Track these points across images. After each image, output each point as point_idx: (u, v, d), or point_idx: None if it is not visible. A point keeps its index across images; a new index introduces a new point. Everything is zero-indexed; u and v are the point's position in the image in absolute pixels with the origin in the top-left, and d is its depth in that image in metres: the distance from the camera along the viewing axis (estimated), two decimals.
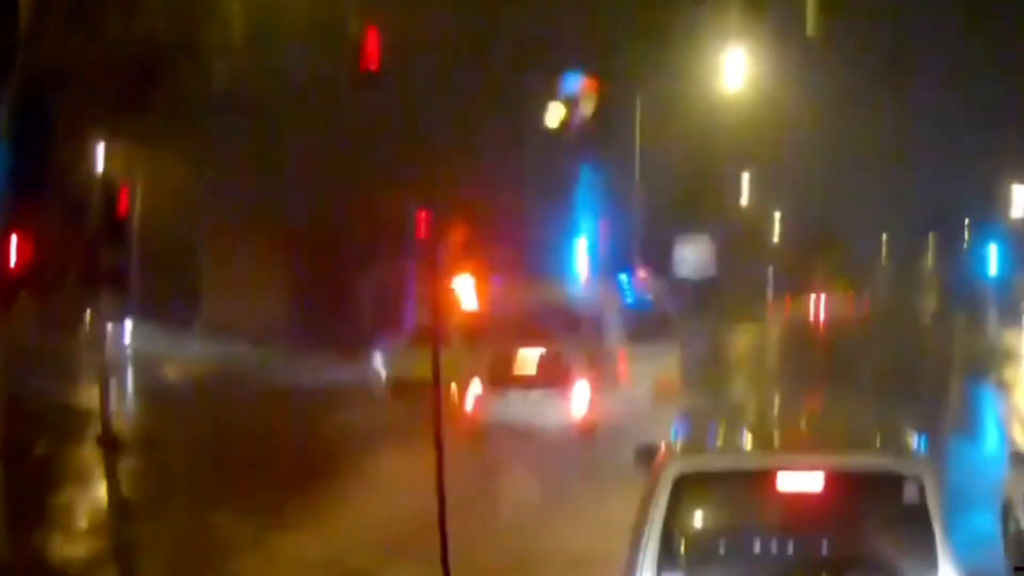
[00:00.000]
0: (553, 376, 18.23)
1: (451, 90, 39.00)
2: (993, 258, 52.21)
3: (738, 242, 65.40)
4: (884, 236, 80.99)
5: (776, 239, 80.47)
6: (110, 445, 17.78)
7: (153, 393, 26.15)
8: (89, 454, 18.00)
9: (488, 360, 18.66)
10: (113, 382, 21.41)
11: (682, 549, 6.48)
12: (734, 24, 39.04)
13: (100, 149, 20.63)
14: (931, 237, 71.61)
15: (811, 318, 70.11)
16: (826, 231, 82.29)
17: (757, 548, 6.49)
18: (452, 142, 38.80)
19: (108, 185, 18.75)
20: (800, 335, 53.75)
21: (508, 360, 18.48)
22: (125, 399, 24.35)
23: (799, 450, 7.07)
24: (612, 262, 40.83)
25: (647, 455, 8.11)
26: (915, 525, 6.31)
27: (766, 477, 6.54)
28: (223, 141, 37.53)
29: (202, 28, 19.51)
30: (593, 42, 42.43)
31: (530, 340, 18.72)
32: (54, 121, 18.18)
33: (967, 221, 59.93)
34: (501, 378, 18.29)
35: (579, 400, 18.08)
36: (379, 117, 34.84)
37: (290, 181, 41.01)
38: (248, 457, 16.66)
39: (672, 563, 6.40)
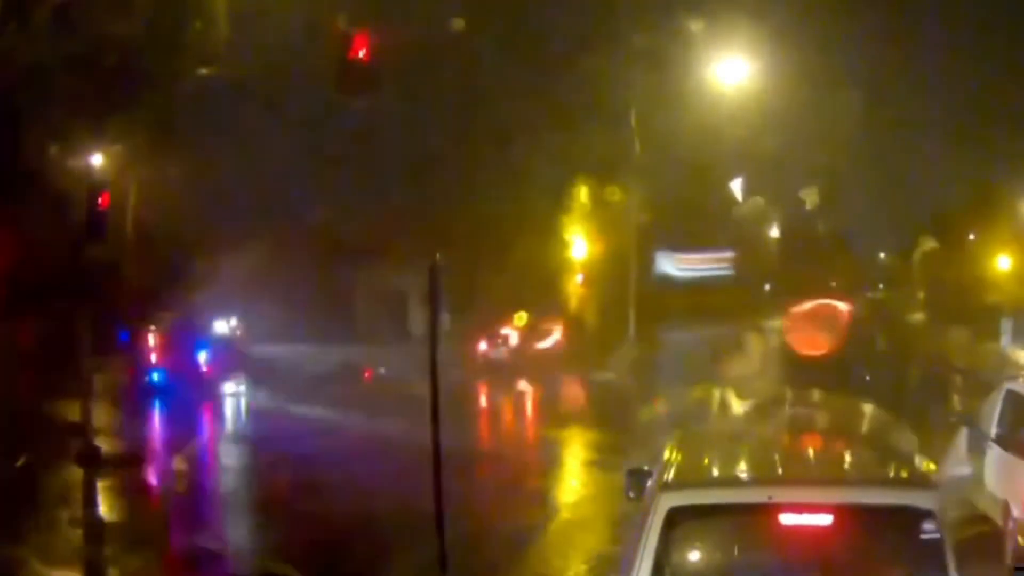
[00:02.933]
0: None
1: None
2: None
3: (735, 249, 65.15)
4: (884, 240, 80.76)
5: (773, 247, 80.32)
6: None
7: None
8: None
9: None
10: None
11: None
12: (732, 29, 38.74)
13: (85, 149, 20.08)
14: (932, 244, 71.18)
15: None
16: (825, 238, 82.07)
17: None
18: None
19: (91, 185, 18.23)
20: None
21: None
22: None
23: (805, 482, 6.38)
24: None
25: (639, 479, 7.61)
26: (932, 563, 5.70)
27: (767, 512, 5.89)
28: (213, 141, 37.30)
29: (190, 24, 19.05)
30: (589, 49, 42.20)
31: None
32: (35, 121, 17.66)
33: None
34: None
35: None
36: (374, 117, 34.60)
37: (285, 182, 40.87)
38: None
39: None
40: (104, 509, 15.78)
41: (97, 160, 21.28)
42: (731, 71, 37.22)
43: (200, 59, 19.52)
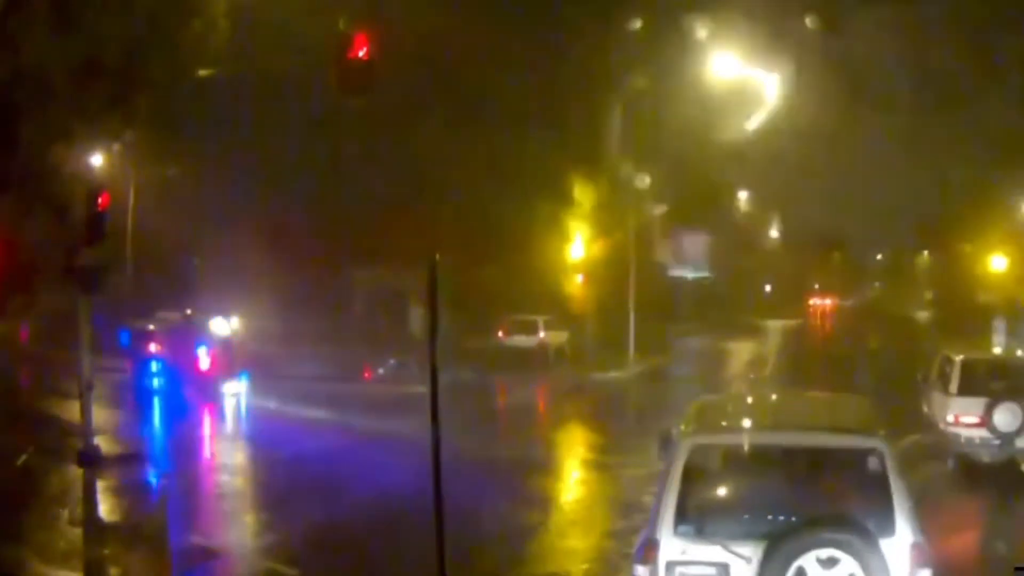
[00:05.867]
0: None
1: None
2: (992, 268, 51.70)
3: (736, 248, 65.19)
4: (883, 242, 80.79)
5: (774, 245, 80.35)
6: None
7: None
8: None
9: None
10: None
11: (695, 505, 7.91)
12: (732, 29, 38.74)
13: (85, 149, 20.02)
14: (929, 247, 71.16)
15: (810, 324, 69.96)
16: (825, 238, 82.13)
17: (754, 505, 8.02)
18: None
19: (91, 185, 18.17)
20: (798, 341, 53.64)
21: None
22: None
23: (787, 429, 8.61)
24: None
25: (667, 438, 9.17)
26: (878, 491, 7.73)
27: (762, 450, 8.21)
28: (213, 141, 37.36)
29: (189, 26, 19.02)
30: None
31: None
32: (35, 121, 17.62)
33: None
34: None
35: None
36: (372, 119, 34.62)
37: (285, 181, 40.85)
38: None
39: (686, 517, 7.84)
40: (104, 509, 15.76)
41: (97, 160, 21.25)
42: (731, 72, 37.20)
43: (200, 59, 19.49)
